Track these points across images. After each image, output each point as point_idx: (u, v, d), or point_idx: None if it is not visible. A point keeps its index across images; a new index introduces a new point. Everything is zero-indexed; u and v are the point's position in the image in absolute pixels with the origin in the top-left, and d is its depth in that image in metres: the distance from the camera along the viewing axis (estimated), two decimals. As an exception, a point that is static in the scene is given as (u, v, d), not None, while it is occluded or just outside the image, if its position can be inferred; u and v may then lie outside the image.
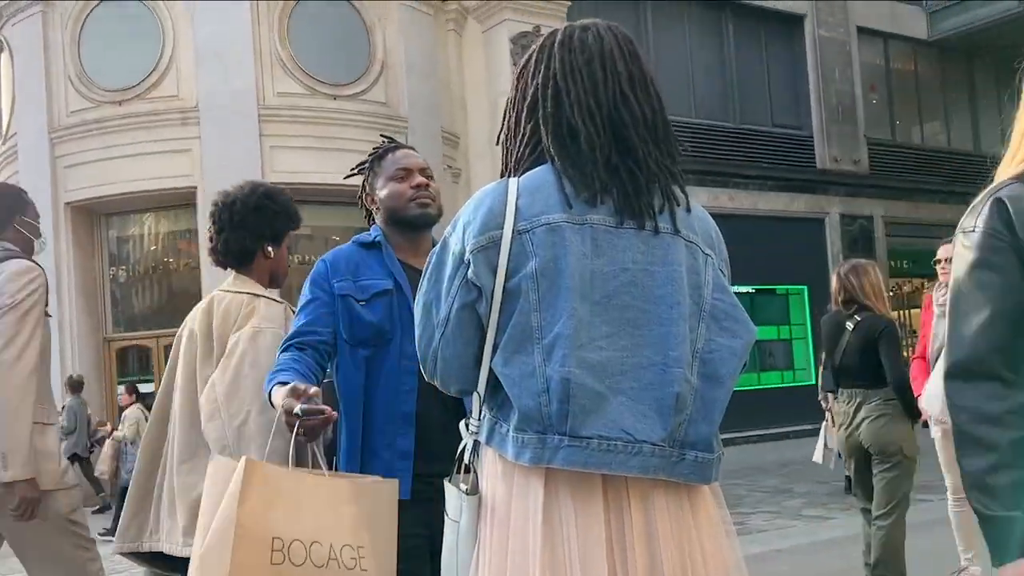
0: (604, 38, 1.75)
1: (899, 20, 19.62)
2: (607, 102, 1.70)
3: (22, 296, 3.39)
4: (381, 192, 2.72)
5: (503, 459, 1.65)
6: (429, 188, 2.71)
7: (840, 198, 18.11)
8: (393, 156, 2.76)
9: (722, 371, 1.69)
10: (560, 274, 1.60)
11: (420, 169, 2.73)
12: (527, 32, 14.42)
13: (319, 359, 2.54)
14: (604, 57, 1.73)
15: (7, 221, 3.66)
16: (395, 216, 2.70)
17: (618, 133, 1.70)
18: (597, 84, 1.71)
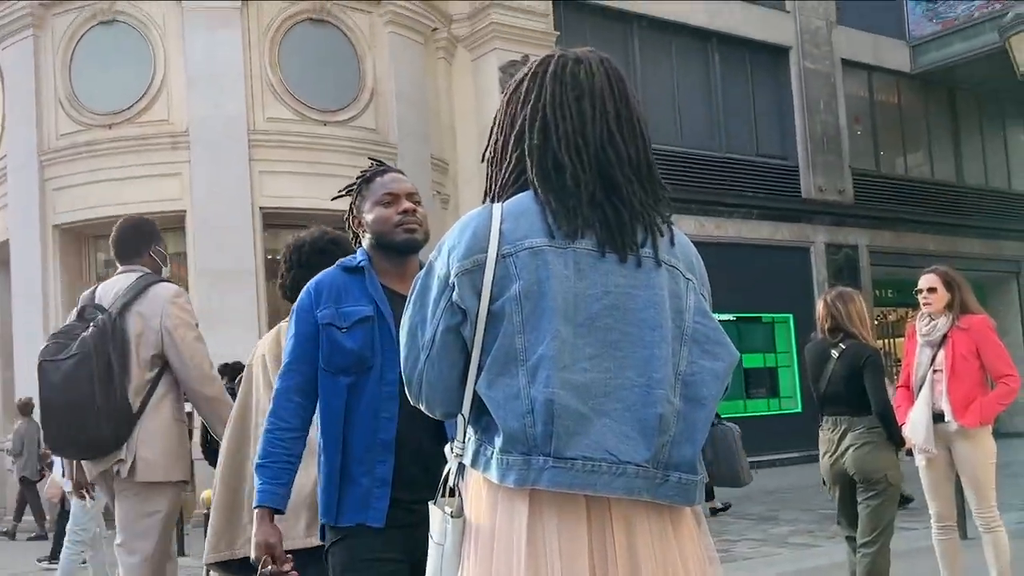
0: (596, 74, 1.76)
1: (882, 53, 19.90)
2: (594, 140, 1.71)
3: (187, 316, 3.93)
4: (368, 216, 2.73)
5: (488, 481, 1.66)
6: (416, 214, 2.72)
7: (825, 227, 18.28)
8: (381, 180, 2.77)
9: (704, 393, 1.69)
10: (543, 296, 1.62)
11: (408, 194, 2.74)
12: (516, 61, 14.54)
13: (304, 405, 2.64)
14: (594, 95, 1.74)
15: (145, 249, 4.15)
16: (381, 240, 2.71)
17: (604, 171, 1.71)
18: (586, 121, 1.72)
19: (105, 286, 4.06)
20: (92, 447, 3.86)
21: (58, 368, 3.80)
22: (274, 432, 2.62)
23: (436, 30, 14.57)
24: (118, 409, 3.80)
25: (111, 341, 3.80)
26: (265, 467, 2.60)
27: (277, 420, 2.62)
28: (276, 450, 2.61)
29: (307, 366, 2.61)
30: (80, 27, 13.14)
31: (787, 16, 18.53)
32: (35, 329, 12.88)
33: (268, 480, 2.59)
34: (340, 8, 13.48)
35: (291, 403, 2.61)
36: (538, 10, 15.02)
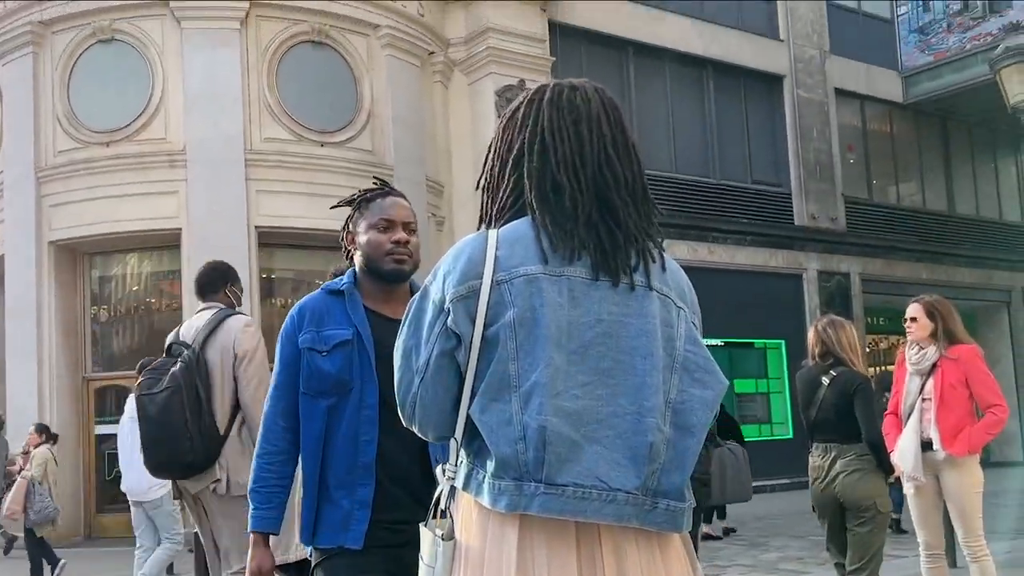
0: (592, 101, 1.79)
1: (875, 83, 20.08)
2: (592, 162, 1.74)
3: (252, 343, 4.36)
4: (362, 236, 2.74)
5: (479, 505, 1.67)
6: (408, 244, 2.73)
7: (817, 254, 18.37)
8: (381, 203, 2.77)
9: (693, 421, 1.71)
10: (537, 324, 1.64)
11: (404, 223, 2.74)
12: (512, 85, 14.67)
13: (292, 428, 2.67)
14: (591, 119, 1.77)
15: (222, 287, 4.64)
16: (370, 264, 2.73)
17: (600, 193, 1.74)
18: (583, 144, 1.75)
19: (188, 324, 4.55)
20: (189, 469, 4.26)
21: (153, 400, 4.23)
22: (263, 457, 2.66)
23: (433, 54, 14.69)
24: (208, 434, 4.22)
25: (197, 373, 4.25)
26: (257, 492, 2.65)
27: (266, 444, 2.67)
28: (266, 475, 2.65)
29: (292, 391, 2.64)
30: (79, 45, 13.20)
31: (781, 45, 18.71)
32: (28, 344, 12.89)
33: (260, 504, 2.64)
34: (338, 31, 13.58)
35: (277, 427, 2.65)
36: (534, 35, 15.14)
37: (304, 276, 13.85)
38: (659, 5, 17.17)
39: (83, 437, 13.29)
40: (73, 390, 13.21)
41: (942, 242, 20.49)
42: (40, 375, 12.79)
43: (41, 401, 12.74)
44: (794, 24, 18.90)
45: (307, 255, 13.83)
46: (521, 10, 15.03)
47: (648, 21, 16.89)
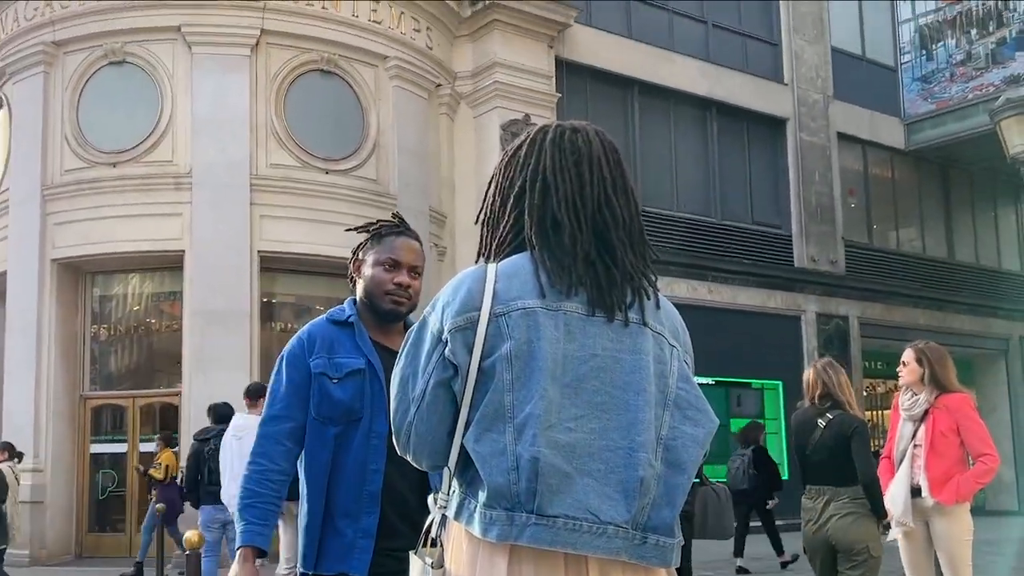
0: (593, 143, 1.84)
1: (877, 129, 20.23)
2: (592, 202, 1.79)
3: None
4: (367, 270, 2.79)
5: (469, 534, 1.68)
6: (410, 288, 2.78)
7: (816, 297, 18.42)
8: (393, 241, 2.81)
9: (684, 458, 1.74)
10: (533, 356, 1.67)
11: (411, 266, 2.79)
12: (517, 120, 14.78)
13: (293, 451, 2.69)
14: (592, 161, 1.82)
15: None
16: (369, 299, 2.78)
17: (599, 232, 1.78)
18: (584, 184, 1.79)
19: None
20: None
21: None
22: (262, 473, 2.65)
23: (440, 86, 14.82)
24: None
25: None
26: (253, 507, 2.64)
27: (267, 462, 2.65)
28: (265, 491, 2.64)
29: (300, 413, 2.66)
30: (91, 66, 13.32)
31: (785, 88, 18.87)
32: (27, 361, 12.90)
33: (255, 520, 2.63)
34: (347, 61, 13.72)
35: (282, 447, 2.65)
36: (541, 71, 15.29)
37: (305, 302, 13.90)
38: (666, 45, 17.34)
39: (78, 455, 13.26)
40: (70, 408, 13.20)
41: (941, 288, 20.54)
42: (37, 392, 12.79)
43: (37, 418, 12.73)
44: (799, 68, 19.08)
45: (308, 281, 13.90)
46: (529, 46, 15.19)
47: (655, 61, 17.06)
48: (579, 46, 16.03)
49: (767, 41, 19.04)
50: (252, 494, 2.65)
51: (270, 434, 2.68)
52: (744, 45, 18.67)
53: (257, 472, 2.66)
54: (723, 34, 18.36)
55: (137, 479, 13.09)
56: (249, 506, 2.65)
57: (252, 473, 2.67)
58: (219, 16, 13.06)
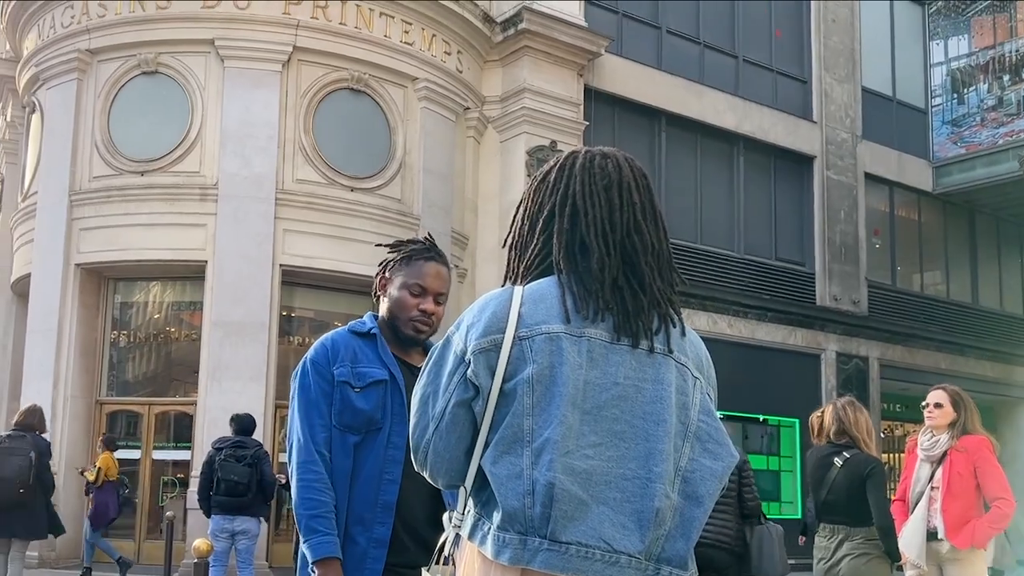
0: (623, 169, 1.84)
1: (905, 171, 20.13)
2: (621, 228, 1.79)
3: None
4: (393, 291, 2.80)
5: (482, 555, 1.68)
6: (433, 316, 2.78)
7: (837, 336, 18.28)
8: (423, 267, 2.80)
9: (702, 491, 1.73)
10: (555, 382, 1.67)
11: (436, 294, 2.79)
12: (543, 146, 14.82)
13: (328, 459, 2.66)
14: (622, 186, 1.82)
15: None
16: (392, 320, 2.80)
17: (627, 258, 1.79)
18: (613, 210, 1.80)
19: None
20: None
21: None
22: (317, 483, 2.61)
23: (468, 109, 14.89)
24: None
25: None
26: (322, 517, 2.57)
27: (317, 470, 2.61)
28: (325, 498, 2.59)
29: (330, 421, 2.66)
30: (124, 75, 13.46)
31: (814, 126, 18.83)
32: (46, 363, 12.98)
33: (328, 530, 2.57)
34: (377, 80, 13.81)
35: (323, 456, 2.63)
36: (570, 99, 15.33)
37: (324, 317, 13.92)
38: (696, 78, 17.36)
39: (91, 460, 13.27)
40: (86, 412, 13.26)
41: (964, 333, 20.34)
42: (55, 394, 12.85)
43: (53, 420, 12.72)
44: (828, 107, 19.05)
45: (328, 296, 13.94)
46: (558, 73, 15.24)
47: (683, 93, 17.08)
48: (608, 75, 16.08)
49: (797, 78, 19.03)
50: (318, 503, 2.59)
51: (311, 441, 2.64)
52: (774, 81, 18.66)
53: (312, 482, 2.61)
54: (753, 69, 18.36)
55: (149, 486, 13.12)
56: (319, 516, 2.58)
57: (311, 482, 2.61)
58: (253, 32, 13.20)
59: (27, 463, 8.07)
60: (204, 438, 11.21)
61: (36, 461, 8.16)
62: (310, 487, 2.59)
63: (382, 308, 2.83)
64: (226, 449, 8.48)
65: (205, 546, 6.80)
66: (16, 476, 7.99)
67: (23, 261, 14.42)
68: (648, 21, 17.09)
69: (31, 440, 8.27)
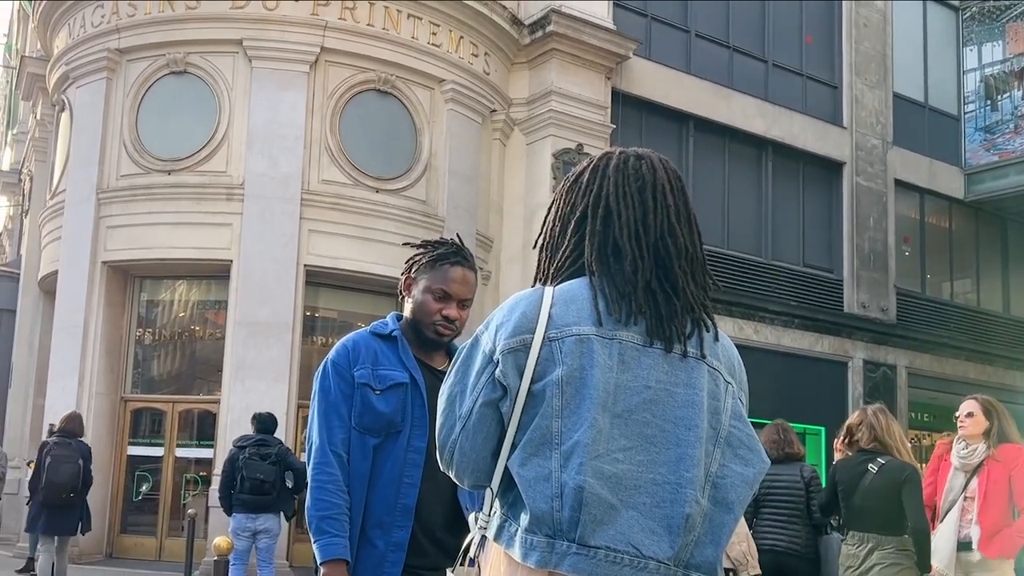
0: (657, 170, 1.82)
1: (937, 178, 19.90)
2: (654, 230, 1.77)
3: None
4: (417, 293, 2.78)
5: (508, 557, 1.67)
6: (456, 321, 2.76)
7: (865, 344, 18.08)
8: (448, 272, 2.76)
9: (732, 497, 1.71)
10: (585, 384, 1.65)
11: (460, 300, 2.76)
12: (570, 149, 14.76)
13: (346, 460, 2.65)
14: (656, 188, 1.80)
15: None
16: (415, 323, 2.78)
17: (660, 261, 1.76)
18: (647, 212, 1.78)
19: None
20: None
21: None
22: (332, 484, 2.60)
23: (495, 111, 14.86)
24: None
25: None
26: (333, 519, 2.57)
27: (332, 472, 2.61)
28: (339, 501, 2.59)
29: (348, 422, 2.65)
30: (152, 75, 13.54)
31: (844, 132, 18.65)
32: (72, 360, 13.07)
33: (339, 532, 2.56)
34: (404, 82, 13.81)
35: (340, 457, 2.62)
36: (597, 102, 15.26)
37: (347, 317, 13.91)
38: (725, 82, 17.24)
39: (116, 457, 13.36)
40: (111, 409, 13.33)
41: (994, 343, 20.07)
42: (80, 391, 12.93)
43: (78, 418, 12.86)
44: (858, 112, 18.86)
45: (352, 297, 13.94)
46: (586, 76, 15.18)
47: (712, 97, 16.96)
48: (636, 79, 15.99)
49: (828, 83, 18.86)
50: (329, 505, 2.58)
51: (327, 442, 2.63)
52: (804, 86, 18.51)
53: (326, 483, 2.60)
54: (783, 74, 18.22)
55: (172, 484, 13.18)
56: (330, 518, 2.57)
57: (324, 483, 2.60)
58: (281, 32, 13.23)
59: (76, 469, 9.02)
60: (227, 436, 11.21)
61: (84, 466, 9.13)
62: (323, 488, 2.59)
63: (406, 309, 2.81)
64: (249, 447, 8.48)
65: (225, 544, 6.78)
66: (68, 481, 8.91)
67: (50, 258, 14.54)
68: (677, 24, 16.99)
69: (76, 447, 9.16)
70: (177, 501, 13.10)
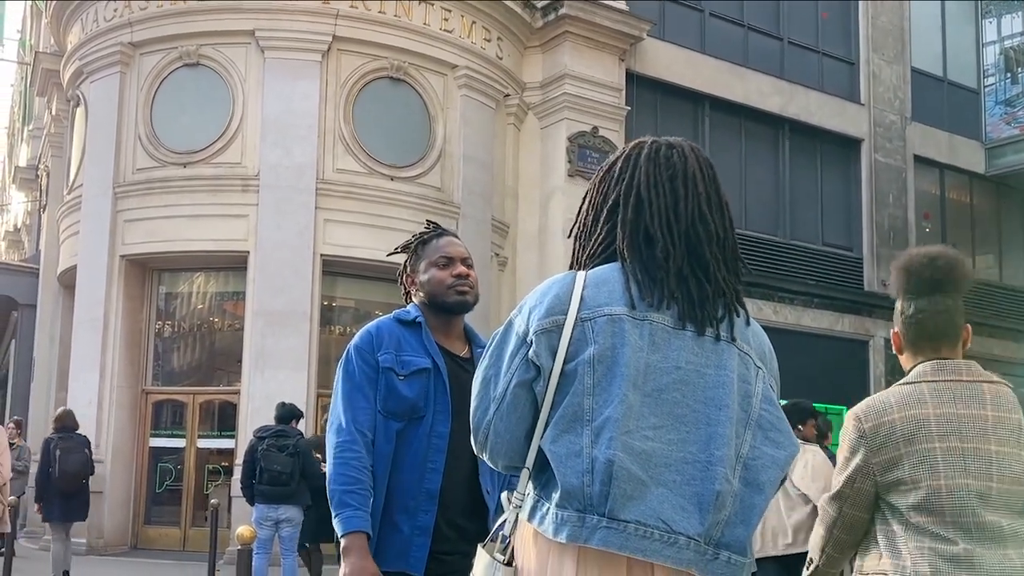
0: (688, 159, 1.86)
1: (957, 152, 19.68)
2: (686, 217, 1.81)
3: None
4: (423, 276, 2.83)
5: (539, 535, 1.71)
6: (469, 277, 2.82)
7: (886, 322, 17.91)
8: (437, 243, 2.87)
9: (763, 478, 1.74)
10: (616, 362, 1.69)
11: (462, 259, 2.85)
12: (585, 132, 14.69)
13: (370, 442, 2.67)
14: (687, 176, 1.84)
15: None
16: (434, 301, 2.81)
17: (692, 247, 1.80)
18: (679, 200, 1.82)
19: None
20: None
21: None
22: (356, 460, 2.61)
23: (508, 96, 14.79)
24: None
25: None
26: (355, 493, 2.57)
27: (357, 449, 2.62)
28: (362, 476, 2.60)
29: (374, 405, 2.67)
30: (166, 68, 13.57)
31: (862, 108, 18.46)
32: (92, 353, 13.16)
33: (360, 505, 2.57)
34: (417, 69, 13.76)
35: (365, 437, 2.64)
36: (611, 84, 15.16)
37: (365, 306, 13.94)
38: (740, 61, 17.09)
39: (138, 448, 13.46)
40: (132, 401, 13.42)
41: (1018, 319, 19.87)
42: (101, 384, 13.02)
43: (100, 409, 12.97)
44: (876, 88, 18.66)
45: (369, 286, 13.95)
46: (600, 58, 15.08)
47: (727, 76, 16.82)
48: (651, 60, 15.88)
49: (844, 59, 18.66)
50: (352, 480, 2.59)
51: (353, 421, 2.65)
52: (820, 63, 18.32)
53: (349, 459, 2.61)
54: (799, 51, 18.04)
55: (194, 474, 13.28)
56: (352, 492, 2.58)
57: (349, 460, 2.61)
58: (293, 22, 13.21)
59: (85, 458, 9.68)
60: (248, 427, 11.27)
61: (88, 455, 9.80)
62: (347, 464, 2.60)
63: (417, 299, 2.86)
64: (268, 439, 8.51)
65: (248, 533, 6.81)
66: (79, 470, 9.56)
67: (69, 253, 14.63)
68: (690, 4, 16.85)
69: (78, 439, 9.78)
70: (200, 492, 13.19)
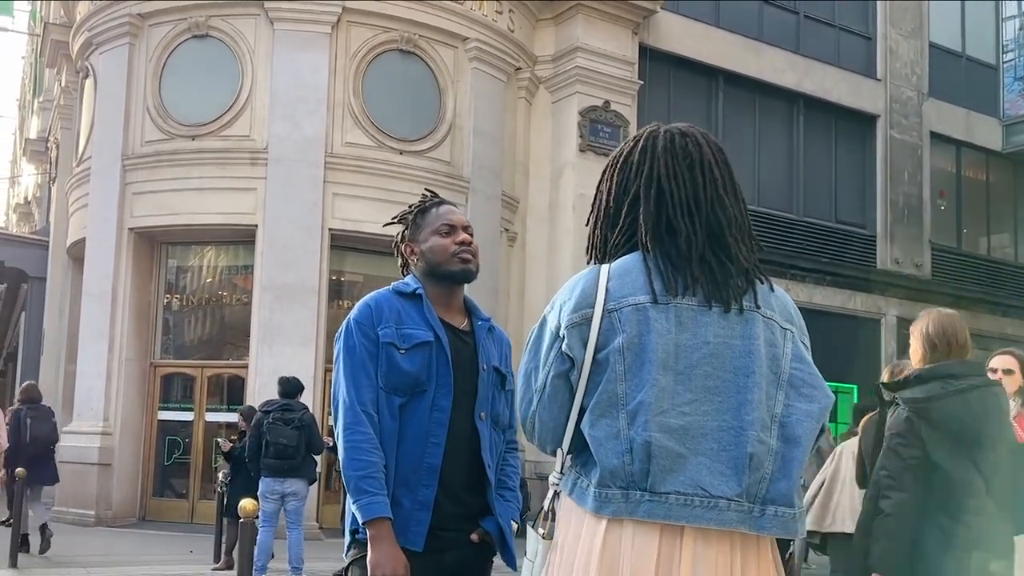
0: (702, 146, 1.95)
1: (974, 130, 19.46)
2: (706, 204, 1.90)
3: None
4: (424, 245, 2.76)
5: (579, 509, 1.85)
6: (471, 245, 2.76)
7: (899, 300, 17.81)
8: (437, 211, 2.81)
9: (799, 432, 1.84)
10: (644, 349, 1.81)
11: (464, 226, 2.79)
12: (597, 106, 14.55)
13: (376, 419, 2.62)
14: (703, 164, 1.93)
15: None
16: (437, 270, 2.74)
17: (713, 233, 1.90)
18: (698, 188, 1.91)
19: None
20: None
21: None
22: (367, 442, 2.55)
23: (519, 70, 14.65)
24: None
25: None
26: (371, 477, 2.51)
27: (365, 431, 2.56)
28: (376, 459, 2.54)
29: (375, 380, 2.61)
30: (174, 39, 13.48)
31: (878, 84, 18.25)
32: (101, 326, 13.17)
33: (378, 490, 2.51)
34: (427, 41, 13.63)
35: (372, 417, 2.58)
36: (624, 58, 15.01)
37: (373, 281, 13.86)
38: (755, 35, 16.89)
39: (146, 421, 13.50)
40: (140, 375, 13.44)
41: (1033, 298, 19.71)
42: (110, 357, 13.04)
43: (109, 382, 13.00)
44: (893, 64, 18.45)
45: (378, 260, 13.83)
46: (612, 32, 14.92)
47: (741, 51, 16.64)
48: (664, 34, 15.70)
49: (861, 34, 18.44)
50: (366, 464, 2.52)
51: (357, 401, 2.59)
52: (837, 37, 18.10)
53: (360, 442, 2.54)
54: (815, 26, 17.83)
55: (203, 448, 13.31)
56: (369, 476, 2.51)
57: (359, 443, 2.54)
58: (302, -7, 13.09)
59: (52, 426, 10.47)
60: (256, 400, 11.25)
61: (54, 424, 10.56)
62: (357, 447, 2.53)
63: (418, 270, 2.78)
64: (273, 412, 8.50)
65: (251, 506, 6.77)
66: (49, 436, 10.35)
67: (78, 225, 14.62)
68: (705, -23, 16.64)
69: (43, 410, 10.51)
70: (208, 465, 13.22)
